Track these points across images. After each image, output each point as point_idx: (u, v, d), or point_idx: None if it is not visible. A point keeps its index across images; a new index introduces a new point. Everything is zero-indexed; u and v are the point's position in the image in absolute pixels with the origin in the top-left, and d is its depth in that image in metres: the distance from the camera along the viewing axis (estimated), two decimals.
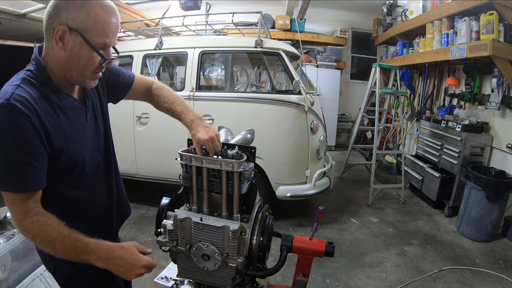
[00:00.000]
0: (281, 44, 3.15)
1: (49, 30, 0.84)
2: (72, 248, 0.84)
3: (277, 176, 2.96)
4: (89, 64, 0.87)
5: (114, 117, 1.35)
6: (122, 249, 0.89)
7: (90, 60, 0.87)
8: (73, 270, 1.03)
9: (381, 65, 4.25)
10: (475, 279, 2.41)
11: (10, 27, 3.77)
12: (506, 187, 2.83)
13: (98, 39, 0.85)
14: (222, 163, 1.03)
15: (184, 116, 1.17)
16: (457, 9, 3.35)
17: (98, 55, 0.87)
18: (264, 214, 1.17)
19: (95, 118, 1.08)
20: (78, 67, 0.87)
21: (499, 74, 3.18)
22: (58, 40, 0.83)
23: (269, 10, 6.40)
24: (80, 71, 0.88)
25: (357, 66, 7.46)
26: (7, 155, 0.78)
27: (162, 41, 3.20)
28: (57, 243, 0.83)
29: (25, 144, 0.79)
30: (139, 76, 1.25)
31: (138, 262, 0.90)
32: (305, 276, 1.22)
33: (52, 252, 0.84)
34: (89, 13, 0.82)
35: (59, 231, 0.84)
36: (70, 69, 0.88)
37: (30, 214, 0.83)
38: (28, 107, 0.79)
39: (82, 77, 0.89)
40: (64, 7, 0.81)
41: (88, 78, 0.91)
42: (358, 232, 3.13)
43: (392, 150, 5.49)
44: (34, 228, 0.82)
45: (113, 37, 0.88)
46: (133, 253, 0.90)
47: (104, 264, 0.86)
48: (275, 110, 2.88)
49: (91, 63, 0.88)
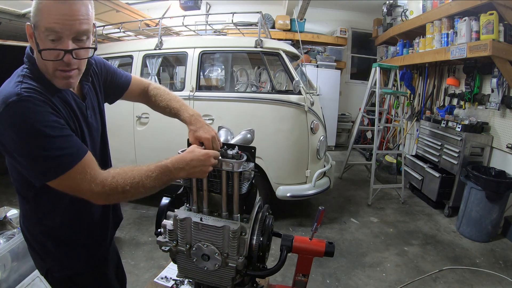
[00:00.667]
0: (281, 44, 3.15)
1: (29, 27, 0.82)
2: (159, 175, 0.88)
3: (277, 176, 2.96)
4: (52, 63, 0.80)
5: (114, 117, 1.35)
6: (190, 153, 0.94)
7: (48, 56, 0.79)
8: (64, 274, 1.02)
9: (381, 65, 4.25)
10: (475, 279, 2.41)
11: (10, 27, 3.76)
12: (506, 187, 2.83)
13: (43, 30, 0.76)
14: (222, 163, 1.03)
15: (182, 111, 1.16)
16: (457, 9, 3.35)
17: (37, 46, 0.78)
18: (264, 214, 1.17)
19: (94, 116, 1.07)
20: (44, 65, 0.82)
21: (499, 74, 3.18)
22: (31, 42, 0.81)
23: (269, 10, 6.40)
24: (46, 69, 0.83)
25: (357, 66, 7.46)
26: (45, 142, 0.76)
27: (162, 41, 3.20)
28: (145, 178, 0.86)
29: (54, 124, 0.78)
30: (136, 78, 1.25)
31: (207, 156, 0.94)
32: (305, 276, 1.22)
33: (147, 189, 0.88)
34: (37, 5, 0.77)
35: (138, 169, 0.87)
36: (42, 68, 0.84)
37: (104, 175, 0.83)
38: (42, 94, 0.79)
39: (50, 76, 0.83)
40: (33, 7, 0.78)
41: (55, 77, 0.83)
42: (358, 232, 3.13)
43: (392, 150, 5.49)
44: (119, 182, 0.83)
45: (63, 25, 0.76)
46: (199, 152, 0.95)
47: (185, 172, 0.93)
48: (275, 110, 2.88)
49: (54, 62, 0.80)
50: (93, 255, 1.06)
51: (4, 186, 4.06)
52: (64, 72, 0.82)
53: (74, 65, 0.82)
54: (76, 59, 0.81)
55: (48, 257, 1.00)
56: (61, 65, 0.81)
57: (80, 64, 0.85)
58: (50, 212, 0.94)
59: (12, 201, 3.48)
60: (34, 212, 0.95)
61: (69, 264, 1.01)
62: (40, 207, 0.94)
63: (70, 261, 1.01)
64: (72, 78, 0.85)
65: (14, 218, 2.25)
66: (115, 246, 1.35)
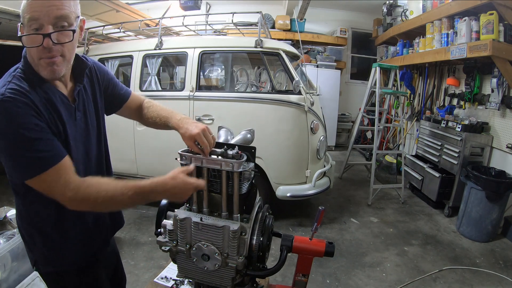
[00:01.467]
0: (281, 44, 3.15)
1: None
2: (134, 196, 0.87)
3: (277, 176, 2.96)
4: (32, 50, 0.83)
5: (114, 117, 1.35)
6: (172, 179, 0.92)
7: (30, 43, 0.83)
8: (48, 270, 1.02)
9: (381, 65, 4.25)
10: (475, 279, 2.41)
11: (10, 27, 3.76)
12: (506, 187, 2.83)
13: (27, 22, 0.81)
14: (222, 163, 1.02)
15: (171, 118, 1.14)
16: (457, 9, 3.35)
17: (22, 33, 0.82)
18: (264, 214, 1.17)
19: (85, 119, 1.05)
20: (30, 56, 0.86)
21: (499, 74, 3.18)
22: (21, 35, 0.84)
23: (269, 10, 6.40)
24: (33, 60, 0.86)
25: (357, 66, 7.46)
26: (22, 143, 0.79)
27: (162, 41, 3.20)
28: (120, 195, 0.86)
29: (33, 126, 0.80)
30: (134, 93, 1.28)
31: (189, 185, 0.94)
32: (305, 276, 1.22)
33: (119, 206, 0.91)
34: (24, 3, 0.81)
35: (115, 184, 0.87)
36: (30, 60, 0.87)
37: (78, 182, 0.84)
38: (25, 96, 0.81)
39: (36, 66, 0.86)
40: None
41: (40, 67, 0.85)
42: (358, 232, 3.13)
43: (392, 150, 5.49)
44: (91, 192, 0.83)
45: (40, 12, 0.79)
46: (182, 179, 0.93)
47: (163, 196, 0.94)
48: (275, 110, 2.88)
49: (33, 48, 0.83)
50: (81, 255, 1.05)
51: (4, 186, 4.06)
52: (48, 59, 0.84)
53: (56, 52, 0.84)
54: (57, 44, 0.83)
55: (36, 249, 1.01)
56: (44, 52, 0.83)
57: (63, 50, 0.86)
58: (37, 207, 0.95)
59: (12, 201, 3.48)
60: (23, 205, 0.97)
61: (53, 261, 1.01)
62: (28, 201, 0.95)
63: (55, 258, 1.01)
64: (56, 65, 0.85)
65: (14, 218, 2.25)
66: (116, 248, 1.34)
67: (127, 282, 2.17)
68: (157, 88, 3.27)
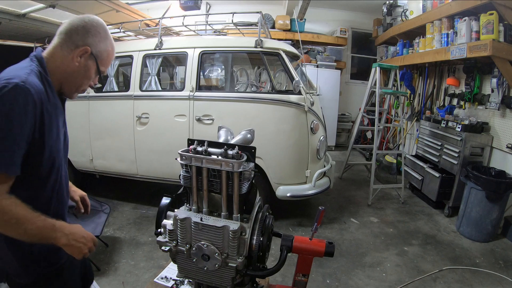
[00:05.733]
0: (281, 44, 3.15)
1: (70, 42, 0.96)
2: (43, 227, 0.88)
3: (277, 176, 2.96)
4: (87, 83, 1.03)
5: (114, 117, 1.35)
6: (77, 226, 0.96)
7: (89, 80, 1.03)
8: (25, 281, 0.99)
9: (381, 65, 4.25)
10: (475, 279, 2.41)
11: (10, 27, 3.76)
12: (506, 187, 2.83)
13: (102, 68, 1.04)
14: (222, 163, 1.03)
15: None
16: (457, 9, 3.35)
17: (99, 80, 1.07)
18: (264, 214, 1.17)
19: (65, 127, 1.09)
20: (78, 81, 1.02)
21: (499, 74, 3.18)
22: (77, 56, 0.97)
23: (269, 10, 6.40)
24: (78, 85, 1.03)
25: (357, 66, 7.46)
26: (10, 133, 0.81)
27: (162, 41, 3.20)
28: (30, 223, 0.85)
29: (25, 129, 0.84)
30: None
31: (90, 237, 0.98)
32: (305, 276, 1.22)
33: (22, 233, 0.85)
34: (106, 47, 1.02)
35: (31, 212, 0.86)
36: (71, 80, 1.00)
37: (7, 196, 0.84)
38: (39, 96, 0.87)
39: (76, 89, 1.03)
40: (92, 32, 0.98)
41: (78, 92, 1.05)
42: (358, 232, 3.13)
43: (392, 150, 5.49)
44: (11, 209, 0.83)
45: None
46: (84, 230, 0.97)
47: (67, 239, 0.91)
48: (275, 110, 2.88)
49: (88, 82, 1.04)
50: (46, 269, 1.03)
51: None
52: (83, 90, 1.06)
53: None
54: None
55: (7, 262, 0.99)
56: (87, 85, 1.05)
57: None
58: None
59: None
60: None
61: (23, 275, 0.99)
62: None
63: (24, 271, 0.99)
64: None
65: None
66: None
67: (128, 282, 2.18)
68: (157, 88, 3.27)
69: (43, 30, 4.03)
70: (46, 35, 3.90)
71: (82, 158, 3.49)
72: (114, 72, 3.42)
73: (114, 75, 3.42)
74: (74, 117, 3.52)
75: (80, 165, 3.53)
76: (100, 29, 1.00)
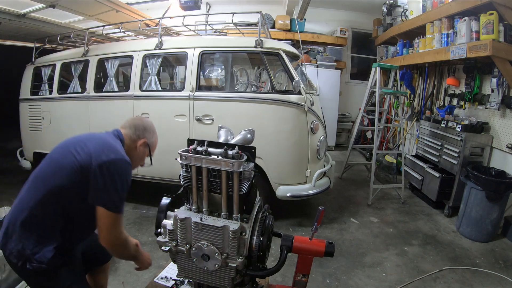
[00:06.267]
0: (281, 44, 3.15)
1: (135, 135, 1.41)
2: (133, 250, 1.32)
3: (277, 176, 2.96)
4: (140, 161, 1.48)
5: (114, 117, 1.36)
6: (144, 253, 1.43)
7: (143, 160, 1.49)
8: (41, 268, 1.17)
9: (381, 65, 4.25)
10: (475, 279, 2.41)
11: (10, 27, 3.76)
12: (506, 187, 2.83)
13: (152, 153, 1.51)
14: (222, 163, 1.03)
15: None
16: (457, 9, 3.35)
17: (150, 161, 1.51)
18: (264, 214, 1.17)
19: None
20: (137, 160, 1.46)
21: (499, 74, 3.18)
22: (139, 145, 1.42)
23: (269, 10, 6.40)
24: (137, 163, 1.47)
25: (357, 66, 7.46)
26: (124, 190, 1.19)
27: (162, 41, 3.20)
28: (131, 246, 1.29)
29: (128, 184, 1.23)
30: None
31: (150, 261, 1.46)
32: (305, 276, 1.22)
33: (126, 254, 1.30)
34: (155, 139, 1.53)
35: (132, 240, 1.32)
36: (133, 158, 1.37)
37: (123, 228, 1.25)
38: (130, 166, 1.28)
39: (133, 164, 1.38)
40: (148, 130, 1.47)
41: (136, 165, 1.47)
42: (358, 232, 3.13)
43: (392, 150, 5.49)
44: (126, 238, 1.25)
45: None
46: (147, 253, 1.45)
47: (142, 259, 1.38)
48: (275, 110, 2.88)
49: (141, 161, 1.49)
50: None
51: (4, 186, 4.07)
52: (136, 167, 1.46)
53: None
54: None
55: None
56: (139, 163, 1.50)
57: None
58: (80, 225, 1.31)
59: (12, 201, 3.47)
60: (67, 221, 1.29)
61: None
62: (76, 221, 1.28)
63: None
64: None
65: None
66: None
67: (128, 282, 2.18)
68: (157, 88, 3.27)
69: (43, 30, 4.03)
70: (46, 35, 3.91)
71: None
72: (114, 72, 3.42)
73: (114, 75, 3.42)
74: (74, 117, 3.54)
75: None
76: (152, 128, 1.50)
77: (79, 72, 3.58)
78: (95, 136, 1.28)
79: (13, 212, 1.22)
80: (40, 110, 3.78)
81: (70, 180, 1.15)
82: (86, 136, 1.29)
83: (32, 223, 1.17)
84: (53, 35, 3.82)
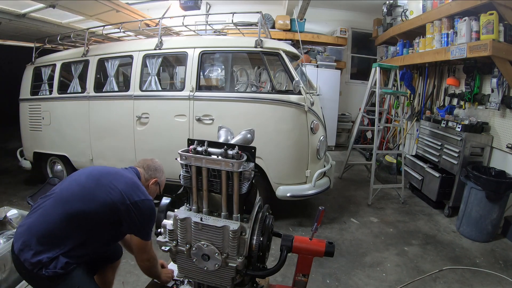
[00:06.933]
0: (281, 44, 3.15)
1: (148, 175, 1.64)
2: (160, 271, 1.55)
3: (277, 176, 2.96)
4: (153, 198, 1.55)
5: (114, 117, 1.36)
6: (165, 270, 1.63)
7: (154, 196, 1.65)
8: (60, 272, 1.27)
9: (381, 65, 4.25)
10: (475, 279, 2.41)
11: (10, 27, 3.76)
12: (506, 187, 2.83)
13: (161, 190, 1.73)
14: (222, 163, 1.03)
15: None
16: (457, 9, 3.35)
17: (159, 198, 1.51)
18: (264, 214, 1.17)
19: None
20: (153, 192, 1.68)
21: (499, 74, 3.18)
22: (151, 184, 1.64)
23: (269, 10, 6.39)
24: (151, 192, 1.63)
25: (357, 66, 7.45)
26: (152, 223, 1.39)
27: (162, 41, 3.20)
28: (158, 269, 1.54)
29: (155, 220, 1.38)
30: None
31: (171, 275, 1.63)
32: (305, 276, 1.22)
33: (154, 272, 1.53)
34: (164, 178, 1.74)
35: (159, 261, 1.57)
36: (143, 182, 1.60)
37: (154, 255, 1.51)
38: None
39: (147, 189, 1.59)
40: (158, 170, 1.69)
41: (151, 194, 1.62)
42: (358, 232, 3.13)
43: (392, 150, 5.49)
44: (155, 257, 1.51)
45: None
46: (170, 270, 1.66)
47: (165, 276, 1.59)
48: (275, 110, 2.88)
49: (153, 197, 1.57)
50: None
51: (4, 186, 4.07)
52: None
53: None
54: None
55: None
56: None
57: None
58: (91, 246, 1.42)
59: (12, 201, 3.48)
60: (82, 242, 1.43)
61: None
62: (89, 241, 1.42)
63: None
64: None
65: (14, 218, 2.25)
66: None
67: (128, 282, 2.18)
68: (157, 88, 3.27)
69: (43, 30, 4.03)
70: (46, 35, 3.91)
71: (82, 158, 3.49)
72: (114, 72, 3.42)
73: (114, 75, 3.42)
74: (74, 117, 3.54)
75: (80, 165, 3.52)
76: (161, 168, 1.71)
77: (79, 72, 3.58)
78: (122, 174, 1.47)
79: (34, 222, 1.31)
80: (40, 110, 3.78)
81: (98, 210, 1.32)
82: (114, 172, 1.47)
83: (51, 236, 1.28)
84: (53, 35, 3.82)
